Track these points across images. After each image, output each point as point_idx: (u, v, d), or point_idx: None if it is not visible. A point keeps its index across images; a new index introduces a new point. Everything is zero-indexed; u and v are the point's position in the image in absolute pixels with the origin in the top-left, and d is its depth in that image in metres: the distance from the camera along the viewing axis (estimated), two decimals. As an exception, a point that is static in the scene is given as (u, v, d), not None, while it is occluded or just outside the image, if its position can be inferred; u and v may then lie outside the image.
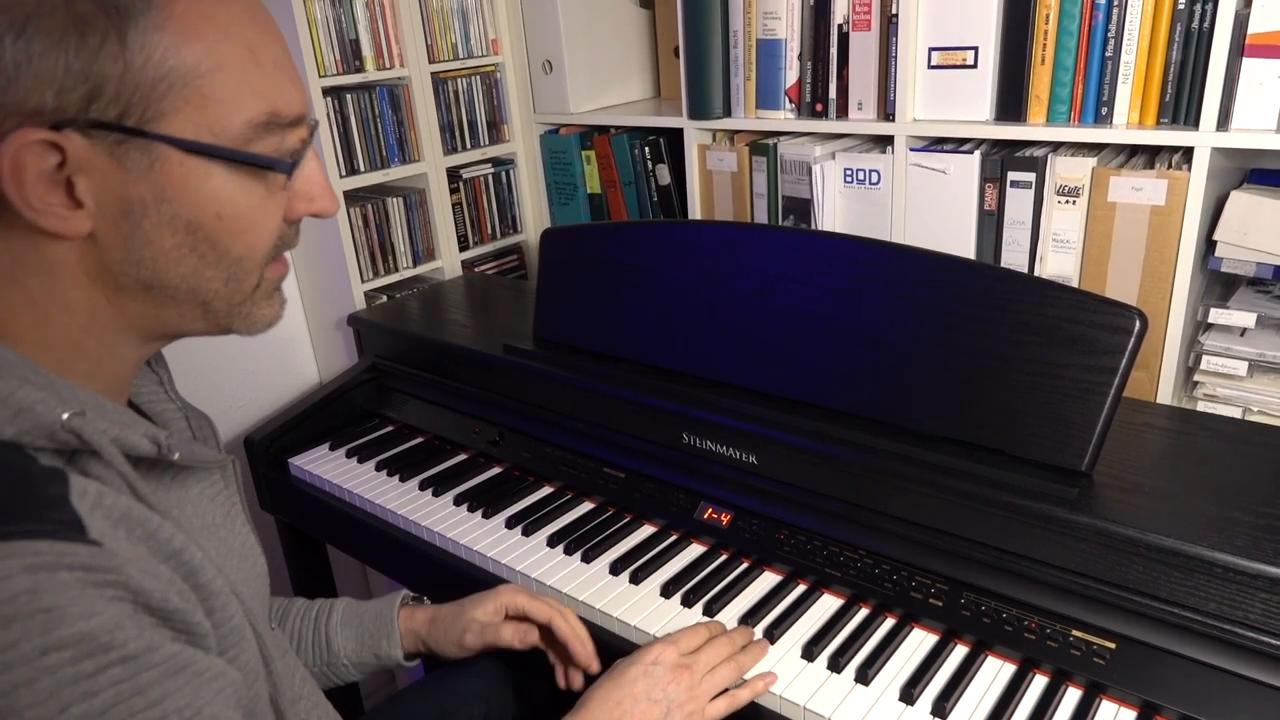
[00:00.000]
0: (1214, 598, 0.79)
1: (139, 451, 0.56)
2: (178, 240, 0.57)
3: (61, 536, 0.47)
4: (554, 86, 1.74)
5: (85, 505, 0.50)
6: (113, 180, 0.54)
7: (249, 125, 0.57)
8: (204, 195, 0.56)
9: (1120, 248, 1.19)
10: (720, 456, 1.10)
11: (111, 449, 0.54)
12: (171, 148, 0.54)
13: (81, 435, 0.52)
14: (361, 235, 1.59)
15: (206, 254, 0.58)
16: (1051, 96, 1.22)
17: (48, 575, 0.46)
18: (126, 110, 0.52)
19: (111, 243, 0.55)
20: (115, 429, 0.55)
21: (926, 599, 0.93)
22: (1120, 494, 0.88)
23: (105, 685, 0.46)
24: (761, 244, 1.11)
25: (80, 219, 0.54)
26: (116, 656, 0.47)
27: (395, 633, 0.96)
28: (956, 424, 0.95)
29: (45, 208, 0.52)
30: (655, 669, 0.85)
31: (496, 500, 1.20)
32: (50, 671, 0.45)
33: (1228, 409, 1.18)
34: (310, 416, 1.43)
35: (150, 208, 0.55)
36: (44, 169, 0.52)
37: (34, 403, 0.51)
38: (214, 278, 0.59)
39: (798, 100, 1.44)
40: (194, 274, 0.58)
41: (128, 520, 0.52)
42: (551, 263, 1.31)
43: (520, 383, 1.30)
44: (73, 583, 0.46)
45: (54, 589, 0.46)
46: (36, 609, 0.45)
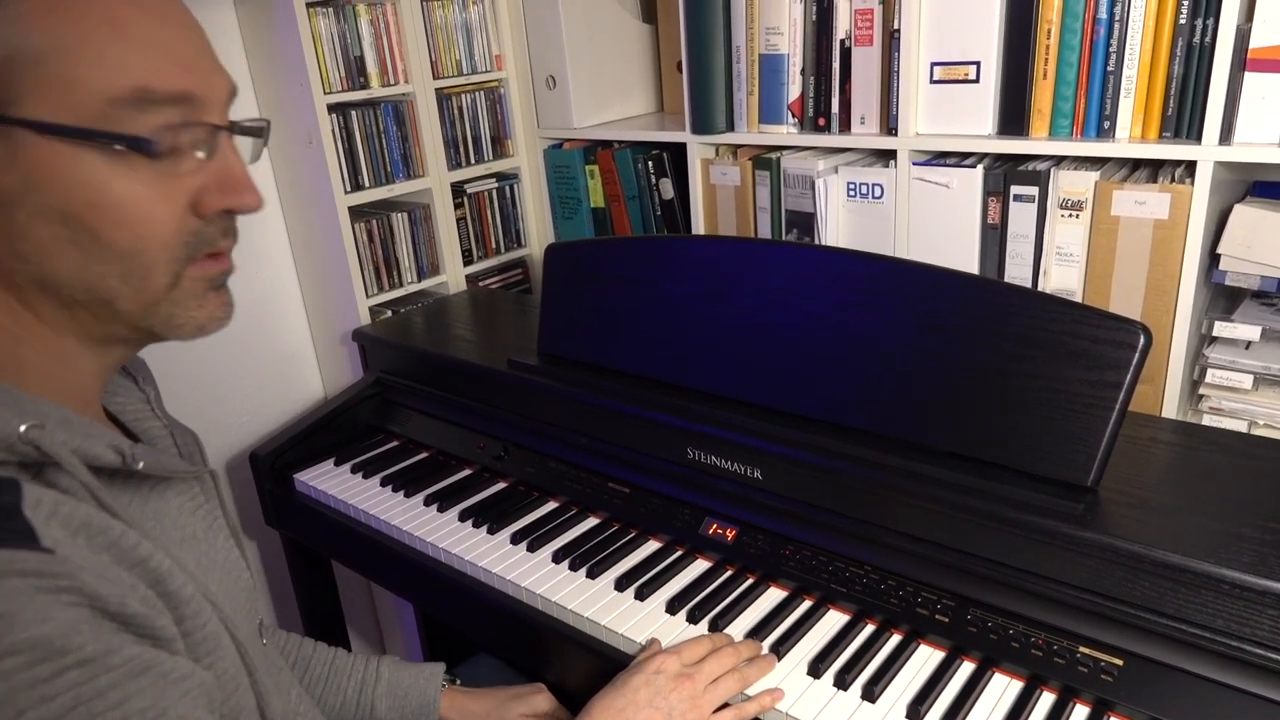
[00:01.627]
0: (1222, 614, 0.78)
1: (102, 462, 0.55)
2: (54, 232, 0.54)
3: (11, 544, 0.47)
4: (557, 101, 1.75)
5: (39, 515, 0.49)
6: None
7: (111, 102, 0.53)
8: (73, 182, 0.53)
9: (1124, 261, 1.19)
10: (725, 472, 1.10)
11: (72, 459, 0.53)
12: (29, 131, 0.51)
13: (40, 446, 0.51)
14: (366, 250, 1.60)
15: (89, 247, 0.54)
16: (1054, 110, 1.22)
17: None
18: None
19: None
20: (76, 440, 0.54)
21: (932, 615, 0.93)
22: (1127, 509, 0.87)
23: (63, 689, 0.46)
24: (765, 259, 1.11)
25: None
26: (73, 660, 0.46)
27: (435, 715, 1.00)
28: (961, 439, 0.95)
29: None
30: (658, 678, 0.85)
31: (501, 516, 1.20)
32: (4, 677, 0.44)
33: (1233, 422, 1.17)
34: (315, 432, 1.43)
35: (19, 197, 0.53)
36: None
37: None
38: (105, 274, 0.55)
39: (800, 115, 1.45)
40: (82, 270, 0.55)
41: (88, 529, 0.51)
42: (556, 278, 1.31)
43: (525, 398, 1.30)
44: (24, 589, 0.46)
45: (5, 595, 0.45)
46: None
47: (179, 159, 0.56)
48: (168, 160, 0.56)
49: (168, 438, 0.72)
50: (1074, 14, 1.16)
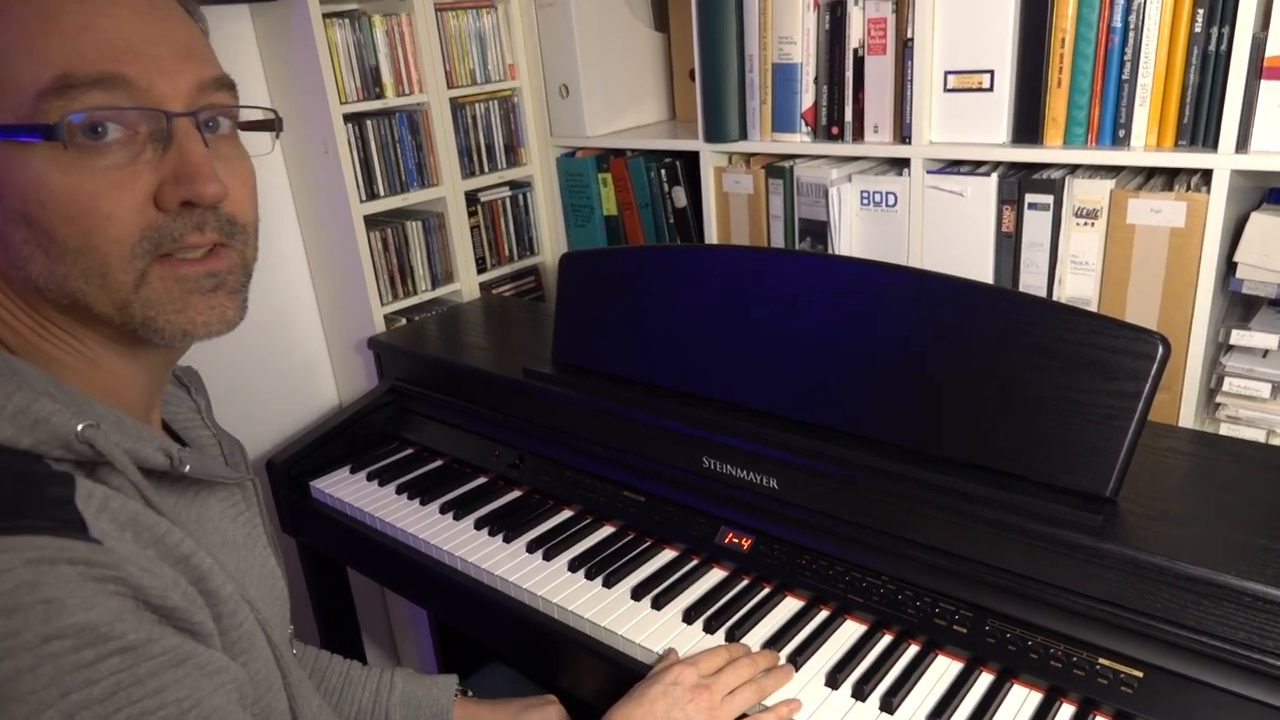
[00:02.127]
0: (1243, 627, 0.78)
1: (152, 464, 0.57)
2: (23, 236, 0.54)
3: (62, 533, 0.48)
4: (570, 110, 1.75)
5: (90, 507, 0.51)
6: None
7: (39, 95, 0.51)
8: (25, 182, 0.52)
9: (1140, 270, 1.19)
10: (741, 481, 1.10)
11: (124, 459, 0.54)
12: None
13: (95, 445, 0.53)
14: (381, 259, 1.60)
15: (50, 248, 0.54)
16: (1068, 119, 1.22)
17: (48, 568, 0.46)
18: None
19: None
20: (129, 442, 0.56)
21: (950, 626, 0.92)
22: (1146, 520, 0.87)
23: (104, 674, 0.47)
24: (780, 268, 1.11)
25: None
26: (115, 647, 0.48)
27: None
28: (978, 449, 0.95)
29: None
30: (675, 689, 0.85)
31: (517, 524, 1.20)
32: (51, 659, 0.45)
33: (1251, 431, 1.17)
34: (331, 439, 1.44)
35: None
36: None
37: (50, 414, 0.52)
38: (68, 275, 0.55)
39: (814, 123, 1.45)
40: (49, 271, 0.55)
41: (135, 524, 0.53)
42: (570, 286, 1.32)
43: (540, 406, 1.30)
44: (73, 576, 0.47)
45: (54, 581, 0.46)
46: (38, 600, 0.46)
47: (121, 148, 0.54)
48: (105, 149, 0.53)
49: (215, 446, 0.74)
50: (1088, 22, 1.16)
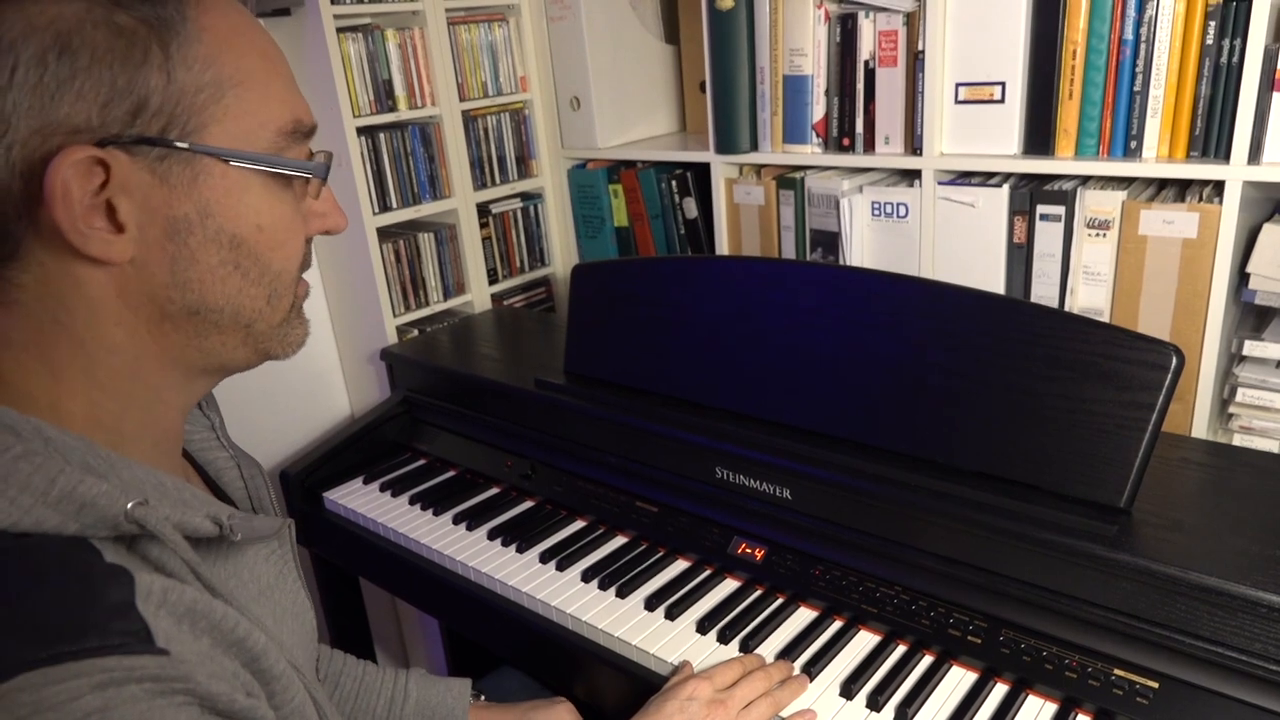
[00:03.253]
0: (1259, 638, 0.78)
1: (201, 534, 0.55)
2: (222, 257, 0.56)
3: (129, 650, 0.47)
4: (581, 122, 1.76)
5: (150, 607, 0.49)
6: (156, 199, 0.53)
7: (279, 134, 0.57)
8: (245, 207, 0.56)
9: (1152, 280, 1.19)
10: (754, 491, 1.10)
11: (174, 535, 0.53)
12: (214, 160, 0.54)
13: (144, 525, 0.51)
14: (393, 270, 1.61)
15: (250, 270, 0.57)
16: (1080, 130, 1.22)
17: (116, 691, 0.45)
18: (169, 124, 0.52)
19: (155, 267, 0.54)
20: (177, 513, 0.54)
21: (965, 636, 0.92)
22: (1161, 531, 0.87)
23: None
24: (792, 279, 1.12)
25: (123, 243, 0.53)
26: None
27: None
28: (992, 459, 0.95)
29: (91, 232, 0.51)
30: (691, 704, 0.86)
31: (530, 535, 1.20)
32: None
33: (1264, 441, 1.17)
34: (344, 450, 1.45)
35: (195, 224, 0.54)
36: (88, 190, 0.50)
37: (97, 496, 0.50)
38: (257, 296, 0.58)
39: (825, 135, 1.46)
40: (239, 293, 0.58)
41: (192, 615, 0.51)
42: (582, 298, 1.33)
43: (552, 417, 1.31)
44: (141, 695, 0.46)
45: (123, 703, 0.45)
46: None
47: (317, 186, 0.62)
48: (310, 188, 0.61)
49: (234, 469, 0.72)
50: (1100, 35, 1.17)
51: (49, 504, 0.49)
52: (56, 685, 0.43)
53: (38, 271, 0.52)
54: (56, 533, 0.49)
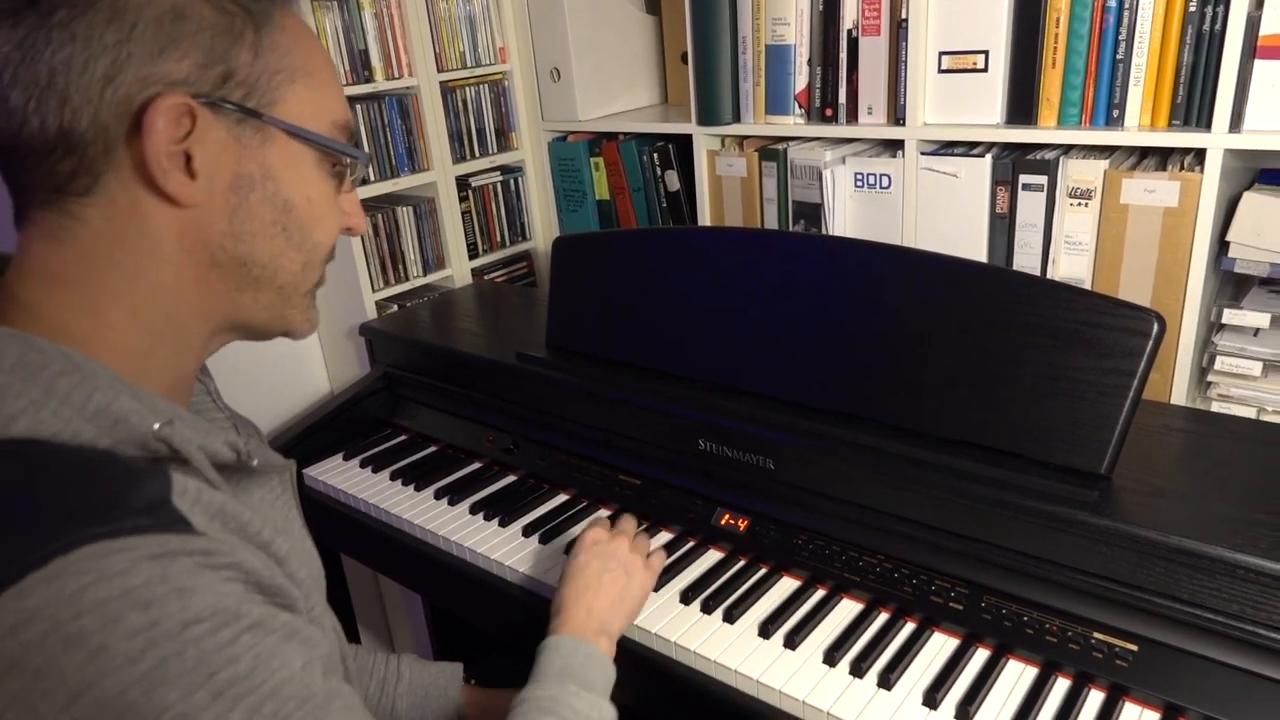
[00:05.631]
0: (1237, 599, 0.79)
1: (221, 458, 0.60)
2: (275, 217, 0.62)
3: (174, 529, 0.51)
4: (562, 94, 1.74)
5: (185, 503, 0.53)
6: (227, 155, 0.59)
7: (333, 125, 0.65)
8: (300, 178, 0.63)
9: (1133, 249, 1.19)
10: (737, 462, 1.10)
11: (199, 456, 0.57)
12: (280, 131, 0.61)
13: (171, 443, 0.55)
14: (372, 244, 1.59)
15: (294, 234, 0.64)
16: (1062, 99, 1.22)
17: (170, 561, 0.49)
18: (249, 93, 0.59)
19: (216, 214, 0.60)
20: (200, 437, 0.58)
21: (947, 603, 0.93)
22: (1141, 496, 0.88)
23: (243, 650, 0.50)
24: (775, 250, 1.11)
25: (194, 189, 0.58)
26: (246, 624, 0.51)
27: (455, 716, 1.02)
28: (974, 427, 0.95)
29: (172, 171, 0.57)
30: (598, 547, 0.95)
31: (512, 508, 1.20)
32: (195, 642, 0.48)
33: (1242, 409, 1.18)
34: (324, 426, 1.43)
35: (257, 183, 0.61)
36: (175, 135, 0.56)
37: (129, 413, 0.54)
38: (295, 260, 0.64)
39: (807, 105, 1.45)
40: (281, 254, 0.63)
41: (222, 515, 0.55)
42: (563, 270, 1.31)
43: (534, 391, 1.30)
44: (193, 567, 0.50)
45: (179, 572, 0.49)
46: (170, 590, 0.48)
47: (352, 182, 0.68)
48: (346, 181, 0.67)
49: (232, 430, 0.74)
50: (1083, 2, 1.16)
51: (86, 418, 0.53)
52: (117, 555, 0.47)
53: (106, 208, 0.58)
54: (92, 445, 0.52)
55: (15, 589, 0.45)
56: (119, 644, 0.46)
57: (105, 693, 0.45)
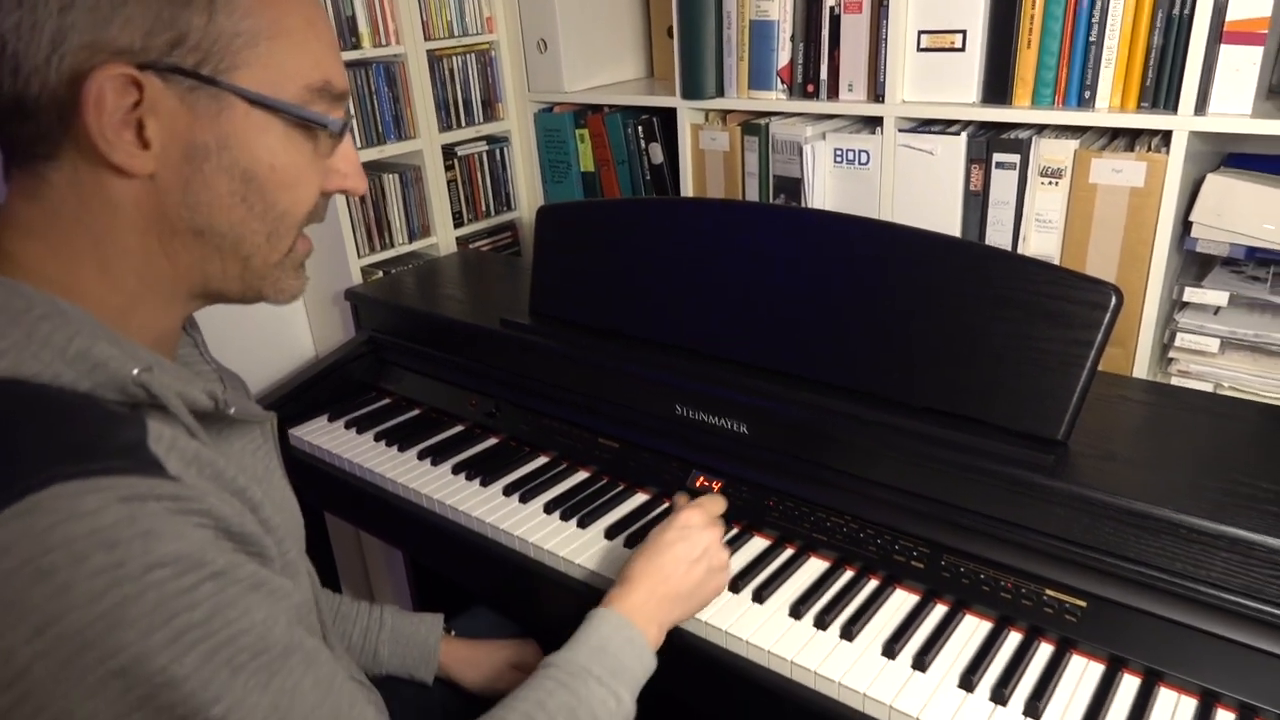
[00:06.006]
0: (1180, 558, 0.83)
1: (199, 406, 0.61)
2: (232, 188, 0.61)
3: (147, 472, 0.52)
4: (548, 65, 1.76)
5: (161, 448, 0.54)
6: (180, 124, 0.58)
7: (305, 89, 0.62)
8: (261, 147, 0.61)
9: (1100, 228, 1.23)
10: (712, 427, 1.14)
11: (177, 402, 0.58)
12: (238, 99, 0.59)
13: (150, 389, 0.56)
14: (358, 211, 1.61)
15: (255, 204, 0.62)
16: (1036, 80, 1.25)
17: (139, 505, 0.50)
18: (204, 59, 0.57)
19: (171, 184, 0.59)
20: (178, 384, 0.59)
21: (909, 561, 0.97)
22: (1095, 461, 0.92)
23: (203, 598, 0.51)
24: (753, 221, 1.14)
25: (145, 159, 0.58)
26: (209, 573, 0.51)
27: (435, 664, 1.06)
28: (939, 395, 0.99)
29: (118, 142, 0.56)
30: (689, 531, 0.92)
31: (494, 469, 1.23)
32: (156, 586, 0.49)
33: (1200, 384, 1.22)
34: (309, 388, 1.46)
35: (212, 153, 0.59)
36: (122, 105, 0.56)
37: (108, 358, 0.55)
38: (258, 231, 0.63)
39: (789, 81, 1.47)
40: (241, 224, 0.62)
41: (198, 461, 0.56)
42: (547, 239, 1.34)
43: (517, 356, 1.33)
44: (162, 511, 0.50)
45: (147, 516, 0.50)
46: (136, 533, 0.49)
47: (334, 143, 0.66)
48: (329, 142, 0.65)
49: (218, 381, 0.75)
50: (1058, -16, 1.19)
51: (66, 361, 0.54)
52: (88, 495, 0.48)
53: (70, 173, 0.58)
54: (71, 388, 0.54)
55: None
56: (83, 582, 0.47)
57: (67, 628, 0.47)
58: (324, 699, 0.57)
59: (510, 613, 1.22)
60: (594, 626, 0.82)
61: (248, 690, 0.52)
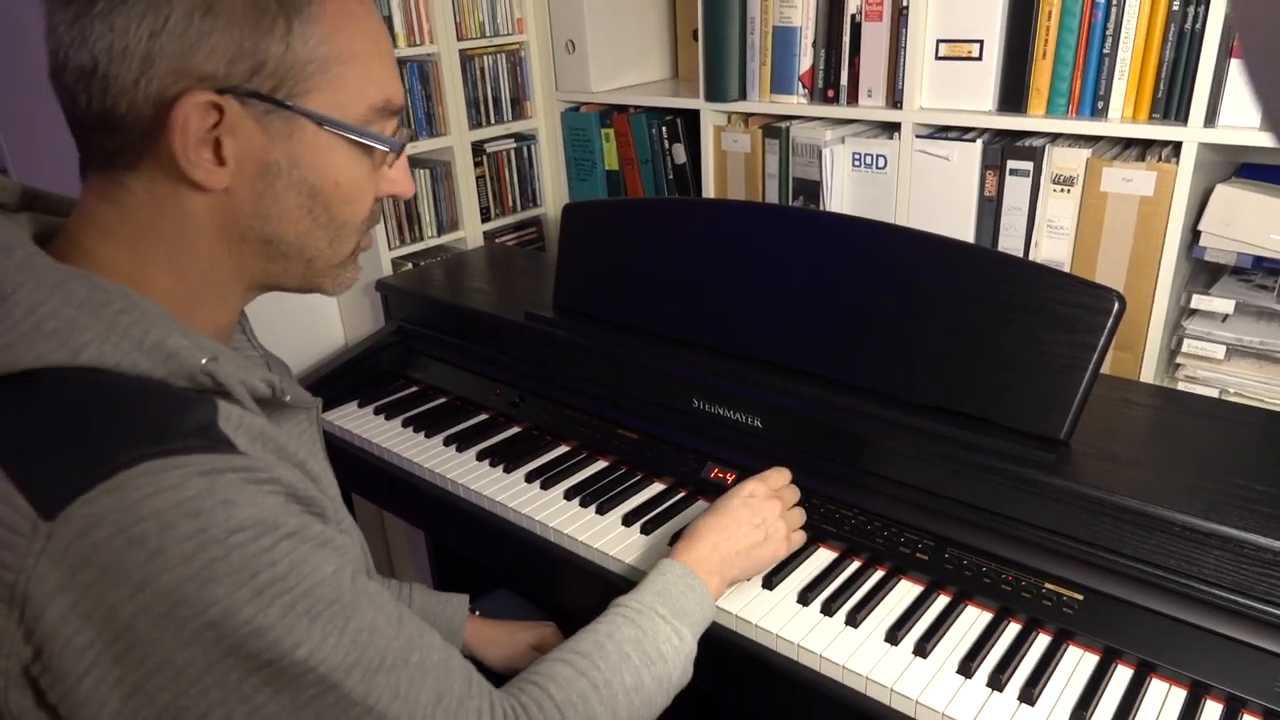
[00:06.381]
0: (1174, 554, 0.87)
1: (258, 392, 0.65)
2: (300, 202, 0.66)
3: (220, 449, 0.57)
4: (576, 66, 1.80)
5: (230, 427, 0.59)
6: (255, 144, 0.62)
7: (370, 109, 0.66)
8: (328, 164, 0.65)
9: (1110, 235, 1.26)
10: (728, 421, 1.18)
11: (240, 389, 0.63)
12: (309, 121, 0.63)
13: (216, 377, 0.61)
14: (389, 204, 1.66)
15: (320, 216, 0.67)
16: (1051, 89, 1.28)
17: (217, 477, 0.55)
18: (279, 85, 0.62)
19: (244, 199, 0.64)
20: (240, 373, 0.64)
21: (914, 553, 1.01)
22: (1096, 461, 0.95)
23: (281, 556, 0.56)
24: (772, 222, 1.18)
25: (222, 175, 0.62)
26: (284, 533, 0.57)
27: (460, 642, 1.11)
28: (947, 394, 1.03)
29: (199, 161, 0.61)
30: (753, 500, 0.98)
31: (516, 456, 1.28)
32: (238, 547, 0.54)
33: (1206, 390, 1.25)
34: (340, 376, 1.51)
35: (283, 171, 0.64)
36: (203, 126, 0.60)
37: (180, 349, 0.59)
38: (321, 238, 0.68)
39: (810, 86, 1.51)
40: (307, 234, 0.67)
41: (263, 437, 0.62)
42: (572, 235, 1.38)
43: (540, 348, 1.38)
44: (237, 481, 0.56)
45: (225, 487, 0.55)
46: (217, 501, 0.54)
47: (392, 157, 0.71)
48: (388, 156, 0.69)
49: (264, 367, 0.81)
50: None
51: (143, 351, 0.58)
52: (171, 471, 0.54)
53: (148, 183, 0.63)
54: (148, 375, 0.58)
55: (85, 497, 0.52)
56: (173, 546, 0.52)
57: (163, 586, 0.52)
58: (397, 633, 0.63)
59: (531, 595, 1.27)
60: (660, 573, 0.89)
61: (326, 634, 0.57)
